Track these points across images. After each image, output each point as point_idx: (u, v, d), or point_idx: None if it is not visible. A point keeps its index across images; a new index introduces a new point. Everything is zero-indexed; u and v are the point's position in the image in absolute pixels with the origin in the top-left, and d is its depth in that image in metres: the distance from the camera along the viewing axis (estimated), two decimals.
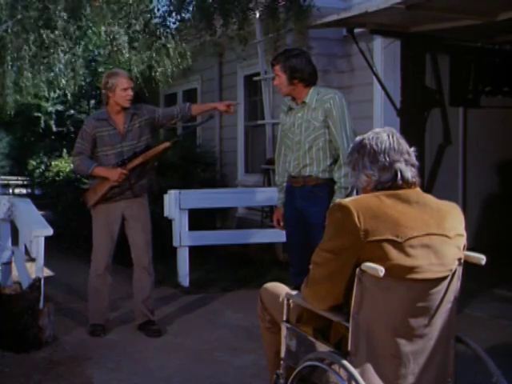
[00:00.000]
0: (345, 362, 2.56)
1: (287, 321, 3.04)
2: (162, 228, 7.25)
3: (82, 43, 8.63)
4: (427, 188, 7.12)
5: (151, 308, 5.58)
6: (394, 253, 2.54)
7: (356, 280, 2.56)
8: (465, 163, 8.32)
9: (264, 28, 8.23)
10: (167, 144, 5.48)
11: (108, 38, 9.39)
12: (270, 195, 8.17)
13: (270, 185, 8.92)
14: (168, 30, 8.35)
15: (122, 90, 5.35)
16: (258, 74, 9.23)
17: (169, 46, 8.43)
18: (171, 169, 9.07)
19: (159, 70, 9.22)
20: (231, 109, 5.62)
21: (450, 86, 7.98)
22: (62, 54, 8.46)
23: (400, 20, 6.53)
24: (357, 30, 7.20)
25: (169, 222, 7.31)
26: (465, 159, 8.32)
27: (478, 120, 8.21)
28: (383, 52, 7.68)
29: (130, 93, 5.39)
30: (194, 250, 7.43)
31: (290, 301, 3.03)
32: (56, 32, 8.13)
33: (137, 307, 5.58)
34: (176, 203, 7.24)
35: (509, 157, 8.47)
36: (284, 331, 3.04)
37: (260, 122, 9.42)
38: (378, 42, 7.68)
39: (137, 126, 5.45)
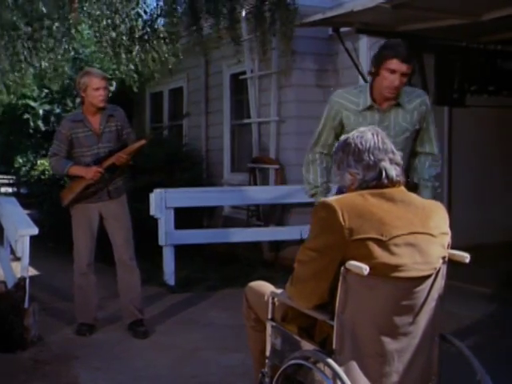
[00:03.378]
0: (329, 361, 2.57)
1: (272, 319, 3.04)
2: (148, 227, 7.25)
3: (65, 41, 8.56)
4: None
5: (139, 307, 5.55)
6: (378, 251, 2.55)
7: (341, 278, 2.57)
8: (450, 161, 8.35)
9: (250, 27, 8.23)
10: (143, 142, 5.42)
11: (94, 37, 9.36)
12: (255, 194, 8.20)
13: (255, 183, 8.94)
14: (154, 31, 8.32)
15: (93, 89, 5.29)
16: (244, 73, 9.24)
17: (154, 46, 8.42)
18: (157, 167, 9.05)
19: (145, 69, 9.19)
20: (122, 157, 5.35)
21: (436, 85, 7.99)
22: (45, 52, 8.42)
23: (386, 19, 6.54)
24: (343, 29, 7.20)
25: (155, 220, 7.30)
26: (450, 157, 8.35)
27: (464, 119, 8.24)
28: (369, 51, 7.69)
29: (102, 93, 5.31)
30: (180, 249, 7.42)
31: (275, 299, 3.04)
32: (42, 31, 8.09)
33: (124, 306, 5.56)
34: (161, 202, 7.24)
35: (494, 155, 8.51)
36: (269, 330, 3.05)
37: (246, 120, 9.43)
38: (364, 42, 7.70)
39: (114, 128, 5.42)
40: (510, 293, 6.36)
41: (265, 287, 3.24)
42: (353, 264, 2.53)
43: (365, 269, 2.49)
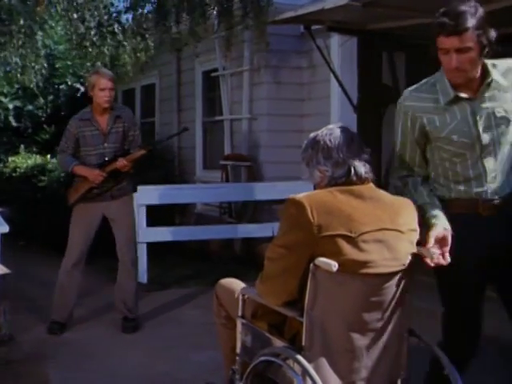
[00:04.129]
0: (299, 357, 2.59)
1: (242, 316, 3.05)
2: None
3: (38, 37, 8.49)
4: (384, 184, 7.17)
5: (130, 306, 5.60)
6: (347, 248, 2.57)
7: (310, 275, 2.58)
8: None
9: (222, 24, 8.22)
10: (143, 151, 5.46)
11: (66, 33, 9.29)
12: (228, 191, 8.20)
13: (227, 180, 8.93)
14: (123, 26, 8.28)
15: (99, 89, 5.33)
16: (216, 70, 9.24)
17: (125, 42, 8.37)
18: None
19: (118, 66, 9.14)
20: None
21: (407, 83, 8.03)
22: (15, 47, 8.34)
23: (356, 17, 6.58)
24: (314, 27, 7.23)
25: None
26: None
27: None
28: (340, 49, 7.73)
29: (108, 93, 5.35)
30: (152, 247, 7.41)
31: (245, 296, 3.05)
32: (13, 27, 8.02)
33: (116, 303, 5.65)
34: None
35: None
36: (239, 327, 3.06)
37: (218, 117, 9.42)
38: (335, 39, 7.72)
39: (120, 129, 5.46)
40: None
41: (235, 284, 3.25)
42: (322, 261, 2.55)
43: (334, 265, 2.51)
